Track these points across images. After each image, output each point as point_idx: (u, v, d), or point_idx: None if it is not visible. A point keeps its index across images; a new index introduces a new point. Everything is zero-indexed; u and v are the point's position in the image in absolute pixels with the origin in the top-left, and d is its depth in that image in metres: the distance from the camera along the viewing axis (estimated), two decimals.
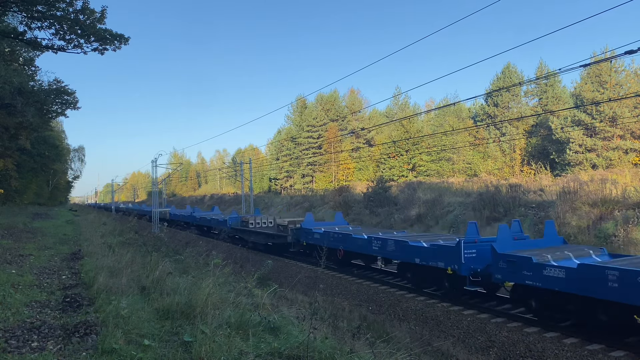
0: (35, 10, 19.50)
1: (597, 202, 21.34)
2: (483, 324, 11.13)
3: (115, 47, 21.37)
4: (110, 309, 5.96)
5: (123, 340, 4.97)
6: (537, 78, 44.92)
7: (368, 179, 51.51)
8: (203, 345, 4.76)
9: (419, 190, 35.89)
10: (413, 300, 13.52)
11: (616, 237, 18.50)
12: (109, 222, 30.65)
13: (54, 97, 29.01)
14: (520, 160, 46.75)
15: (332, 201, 42.33)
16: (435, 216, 28.96)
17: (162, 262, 9.34)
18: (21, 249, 13.23)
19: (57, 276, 9.43)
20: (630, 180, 25.60)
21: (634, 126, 36.51)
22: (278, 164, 72.48)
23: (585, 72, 38.97)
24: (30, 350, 4.81)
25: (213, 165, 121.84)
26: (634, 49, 10.78)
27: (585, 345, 9.30)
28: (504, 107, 49.23)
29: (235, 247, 26.34)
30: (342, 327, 9.39)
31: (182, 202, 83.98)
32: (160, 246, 15.16)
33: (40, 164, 49.03)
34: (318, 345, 5.06)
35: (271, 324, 6.00)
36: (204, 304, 6.29)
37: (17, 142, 34.61)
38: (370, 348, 5.60)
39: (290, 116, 75.69)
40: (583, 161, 37.98)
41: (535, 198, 25.43)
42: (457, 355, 10.35)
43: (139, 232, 22.36)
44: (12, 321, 5.85)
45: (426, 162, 52.74)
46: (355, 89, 78.39)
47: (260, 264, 13.64)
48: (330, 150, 62.99)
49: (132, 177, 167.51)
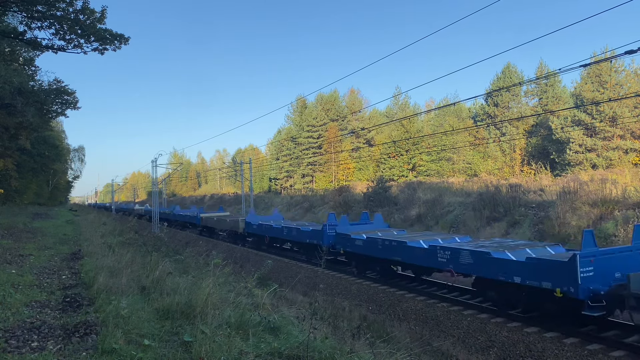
0: (35, 10, 19.50)
1: (597, 202, 21.31)
2: (483, 324, 11.13)
3: (115, 47, 21.39)
4: (110, 309, 5.96)
5: (123, 340, 4.97)
6: (537, 78, 44.91)
7: (368, 179, 51.45)
8: (203, 345, 4.76)
9: (419, 190, 35.87)
10: (413, 300, 13.51)
11: (616, 237, 18.47)
12: (109, 222, 30.65)
13: (54, 97, 28.96)
14: (520, 160, 46.74)
15: (332, 201, 42.27)
16: (435, 216, 28.96)
17: (162, 262, 9.34)
18: (21, 249, 13.23)
19: (57, 276, 9.43)
20: (630, 180, 25.57)
21: (634, 126, 36.49)
22: (278, 164, 72.43)
23: (585, 72, 38.94)
24: (30, 350, 4.81)
25: (213, 165, 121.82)
26: (634, 49, 10.78)
27: (585, 345, 9.30)
28: (504, 107, 49.21)
29: (236, 247, 26.38)
30: (342, 327, 9.40)
31: (182, 202, 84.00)
32: (160, 246, 15.16)
33: (40, 164, 49.00)
34: (318, 345, 5.06)
35: (271, 324, 6.00)
36: (204, 304, 6.29)
37: (17, 142, 34.60)
38: (370, 348, 5.60)
39: (290, 116, 75.71)
40: (583, 161, 37.96)
41: (535, 198, 25.40)
42: (457, 355, 10.36)
43: (139, 232, 22.36)
44: (12, 321, 5.85)
45: (426, 162, 52.73)
46: (355, 89, 78.32)
47: (260, 264, 13.63)
48: (330, 150, 62.95)
49: (132, 177, 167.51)
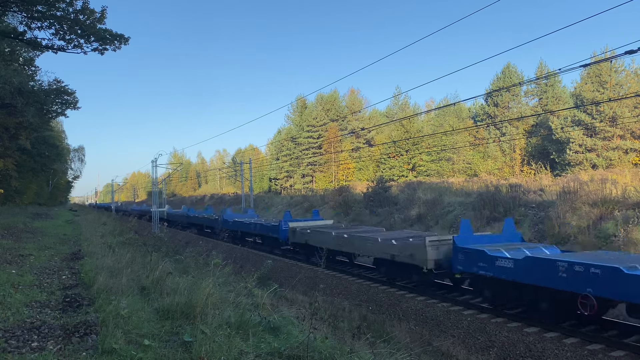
0: (35, 10, 19.52)
1: (597, 202, 21.29)
2: (483, 324, 11.12)
3: (115, 47, 21.41)
4: (110, 309, 5.95)
5: (123, 340, 4.96)
6: (537, 78, 44.89)
7: (368, 179, 51.45)
8: (203, 345, 4.76)
9: (419, 190, 35.85)
10: (413, 300, 13.51)
11: (616, 237, 18.47)
12: (109, 222, 30.66)
13: (54, 97, 28.96)
14: (520, 160, 46.73)
15: (332, 201, 42.28)
16: (435, 216, 28.96)
17: (162, 262, 9.33)
18: (21, 249, 13.22)
19: (57, 276, 9.43)
20: (630, 180, 25.54)
21: (634, 126, 36.48)
22: (278, 164, 72.41)
23: (585, 72, 38.93)
24: (30, 350, 4.81)
25: (213, 165, 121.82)
26: (634, 49, 10.78)
27: (586, 345, 9.30)
28: (504, 107, 49.21)
29: (235, 247, 26.37)
30: (342, 327, 9.40)
31: (182, 202, 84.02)
32: (160, 246, 15.14)
33: (40, 164, 48.93)
34: (318, 345, 5.06)
35: (271, 324, 6.00)
36: (204, 304, 6.28)
37: (17, 142, 34.61)
38: (370, 348, 5.60)
39: (290, 116, 75.67)
40: (583, 161, 37.95)
41: (536, 198, 25.39)
42: (457, 355, 10.36)
43: (139, 232, 22.37)
44: (12, 321, 5.84)
45: (426, 162, 52.72)
46: (355, 89, 78.25)
47: (260, 264, 13.62)
48: (330, 150, 62.94)
49: (132, 177, 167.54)
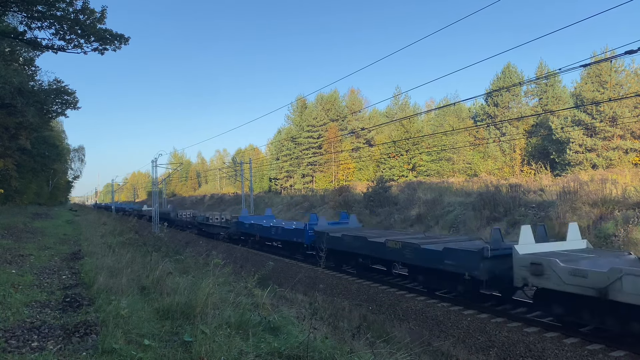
0: (35, 10, 19.52)
1: (597, 202, 21.29)
2: (483, 324, 11.12)
3: (115, 47, 21.42)
4: (110, 309, 5.96)
5: (123, 340, 4.97)
6: (537, 78, 44.89)
7: (368, 179, 51.46)
8: (203, 345, 4.76)
9: (419, 190, 35.86)
10: (413, 300, 13.51)
11: (616, 237, 18.47)
12: (109, 222, 30.66)
13: (54, 97, 28.99)
14: (520, 160, 46.72)
15: (332, 201, 42.28)
16: (435, 216, 28.95)
17: (162, 262, 9.34)
18: (21, 249, 13.22)
19: (57, 276, 9.43)
20: (630, 180, 25.54)
21: (634, 126, 36.47)
22: (278, 164, 72.40)
23: (585, 72, 38.92)
24: (30, 350, 4.81)
25: (213, 165, 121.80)
26: (634, 49, 10.78)
27: (586, 345, 9.30)
28: (504, 107, 49.20)
29: (235, 247, 26.38)
30: (342, 327, 9.39)
31: (182, 202, 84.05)
32: (160, 246, 15.15)
33: (40, 164, 48.92)
34: (318, 345, 5.06)
35: (271, 324, 6.00)
36: (204, 304, 6.29)
37: (17, 142, 34.62)
38: (370, 348, 5.60)
39: (290, 116, 75.65)
40: (583, 161, 37.94)
41: (536, 198, 25.39)
42: (457, 355, 10.35)
43: (139, 232, 22.37)
44: (12, 321, 5.85)
45: (426, 162, 52.70)
46: (356, 89, 78.39)
47: (261, 264, 13.63)
48: (330, 150, 62.94)
49: (132, 177, 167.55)
